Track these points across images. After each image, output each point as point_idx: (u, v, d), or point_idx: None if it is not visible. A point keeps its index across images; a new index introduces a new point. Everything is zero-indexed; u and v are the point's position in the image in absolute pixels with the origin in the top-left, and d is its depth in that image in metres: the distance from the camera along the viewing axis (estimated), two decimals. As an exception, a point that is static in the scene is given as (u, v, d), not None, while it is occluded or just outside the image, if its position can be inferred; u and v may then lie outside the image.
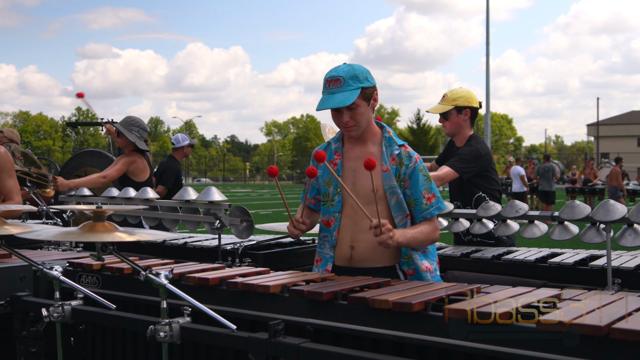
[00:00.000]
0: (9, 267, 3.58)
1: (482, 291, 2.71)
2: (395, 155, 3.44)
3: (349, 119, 3.37)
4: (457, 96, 5.01)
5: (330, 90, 3.35)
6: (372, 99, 3.42)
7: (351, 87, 3.32)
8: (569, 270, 4.08)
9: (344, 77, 3.33)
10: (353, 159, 3.51)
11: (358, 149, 3.52)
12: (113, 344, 3.09)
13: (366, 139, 3.50)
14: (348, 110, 3.35)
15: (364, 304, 2.47)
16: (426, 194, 3.41)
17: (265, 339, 2.39)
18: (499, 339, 2.20)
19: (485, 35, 33.77)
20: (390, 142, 3.49)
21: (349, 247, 3.46)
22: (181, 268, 3.23)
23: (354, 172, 3.48)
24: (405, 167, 3.41)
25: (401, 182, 3.41)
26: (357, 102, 3.34)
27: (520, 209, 4.22)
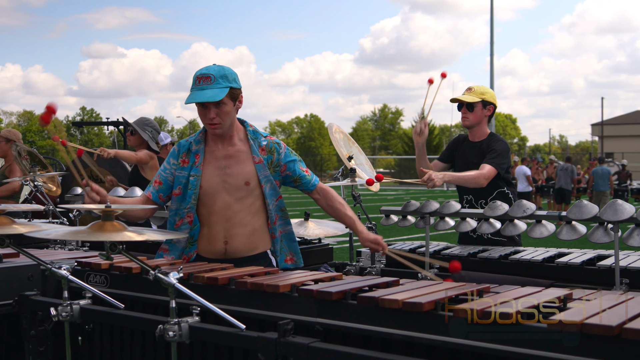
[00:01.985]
0: (16, 266, 3.58)
1: (492, 291, 2.71)
2: (264, 146, 3.71)
3: (215, 116, 3.54)
4: (484, 91, 5.05)
5: (200, 87, 3.50)
6: (238, 100, 3.62)
7: (221, 85, 3.49)
8: (576, 270, 4.07)
9: (214, 75, 3.50)
10: (221, 158, 3.69)
11: (225, 147, 3.70)
12: (121, 343, 3.09)
13: (232, 135, 3.70)
14: (215, 107, 3.52)
15: (374, 303, 2.47)
16: (303, 168, 3.80)
17: (275, 339, 2.40)
18: (508, 339, 2.20)
19: (490, 35, 33.75)
20: (256, 134, 3.75)
21: (222, 241, 3.66)
22: (190, 267, 3.23)
23: (224, 170, 3.67)
24: (277, 154, 3.72)
25: (276, 169, 3.72)
26: (224, 100, 3.51)
27: (528, 209, 4.21)
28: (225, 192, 3.63)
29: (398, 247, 4.98)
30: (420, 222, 4.53)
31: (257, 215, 3.71)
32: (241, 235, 3.65)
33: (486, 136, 5.07)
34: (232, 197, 3.63)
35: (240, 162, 3.67)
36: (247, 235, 3.66)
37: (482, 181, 4.73)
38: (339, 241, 10.66)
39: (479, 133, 5.08)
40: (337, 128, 5.34)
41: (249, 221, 3.67)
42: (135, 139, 6.79)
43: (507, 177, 4.98)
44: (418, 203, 4.56)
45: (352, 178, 5.07)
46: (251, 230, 3.68)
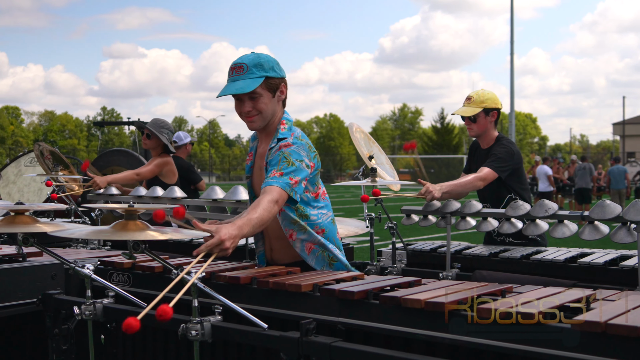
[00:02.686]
0: (40, 265, 3.61)
1: (514, 291, 2.70)
2: (269, 150, 3.31)
3: (251, 109, 3.27)
4: (484, 98, 4.98)
5: (232, 78, 3.25)
6: (278, 90, 3.32)
7: (254, 75, 3.21)
8: (599, 271, 4.05)
9: (247, 65, 3.22)
10: (260, 157, 3.44)
11: (263, 146, 3.44)
12: (144, 342, 3.10)
13: (269, 133, 3.39)
14: (250, 99, 3.25)
15: (396, 303, 2.46)
16: (275, 172, 3.13)
17: (297, 338, 2.40)
18: (530, 339, 2.19)
19: (510, 34, 33.60)
20: (274, 137, 3.34)
21: (269, 249, 3.53)
22: (212, 267, 3.24)
23: (260, 170, 3.41)
24: (271, 154, 3.27)
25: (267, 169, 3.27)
26: (259, 91, 3.23)
27: (550, 209, 4.19)
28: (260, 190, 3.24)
29: (419, 246, 4.97)
30: (441, 222, 4.52)
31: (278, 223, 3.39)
32: (280, 245, 3.45)
33: (494, 141, 5.03)
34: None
35: (261, 167, 3.42)
36: (285, 247, 3.39)
37: (478, 183, 4.69)
38: (359, 241, 10.67)
39: (487, 139, 5.04)
40: (357, 127, 5.33)
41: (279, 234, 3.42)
42: (152, 142, 6.74)
43: (515, 182, 4.91)
44: (439, 203, 4.55)
45: (372, 177, 5.06)
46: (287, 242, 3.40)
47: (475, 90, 5.09)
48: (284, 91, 3.36)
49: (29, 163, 9.99)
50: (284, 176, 3.11)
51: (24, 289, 3.53)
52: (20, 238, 2.96)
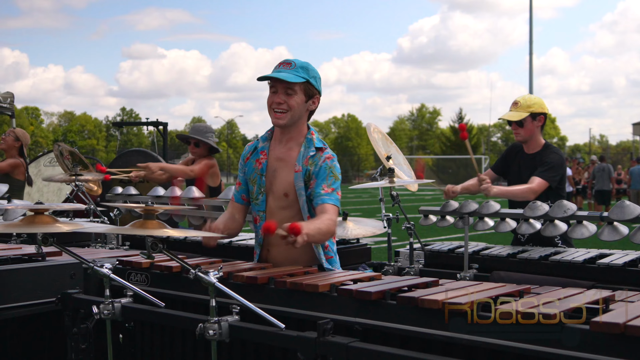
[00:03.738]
0: (59, 265, 3.64)
1: (532, 292, 2.68)
2: (309, 157, 3.42)
3: (283, 102, 3.37)
4: (531, 103, 4.96)
5: (278, 69, 3.40)
6: (312, 99, 3.44)
7: (298, 73, 3.36)
8: (618, 272, 4.02)
9: (295, 63, 3.39)
10: (275, 159, 3.51)
11: (281, 149, 3.51)
12: (162, 341, 3.12)
13: (291, 138, 3.49)
14: (285, 93, 3.36)
15: (413, 303, 2.46)
16: (326, 187, 3.35)
17: (314, 338, 2.40)
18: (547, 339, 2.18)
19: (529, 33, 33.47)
20: (309, 143, 3.47)
21: (266, 249, 3.54)
22: (229, 266, 3.25)
23: (274, 172, 3.49)
24: (315, 166, 3.39)
25: (308, 181, 3.39)
26: (296, 88, 3.37)
27: (569, 209, 4.17)
28: (271, 197, 3.47)
29: (437, 247, 4.96)
30: (459, 222, 4.51)
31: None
32: (280, 246, 3.37)
33: (541, 147, 5.00)
34: (275, 204, 3.46)
35: (286, 168, 3.46)
36: (286, 249, 3.26)
37: (530, 195, 4.65)
38: (377, 241, 10.66)
39: (533, 145, 5.01)
40: (375, 128, 5.33)
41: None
42: (201, 149, 6.69)
43: (558, 190, 4.91)
44: (457, 203, 4.54)
45: (390, 178, 5.05)
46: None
47: (521, 95, 5.07)
48: (315, 102, 3.47)
49: (48, 163, 10.06)
50: (334, 192, 3.35)
51: (43, 288, 3.56)
52: (39, 238, 2.97)
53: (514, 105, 5.01)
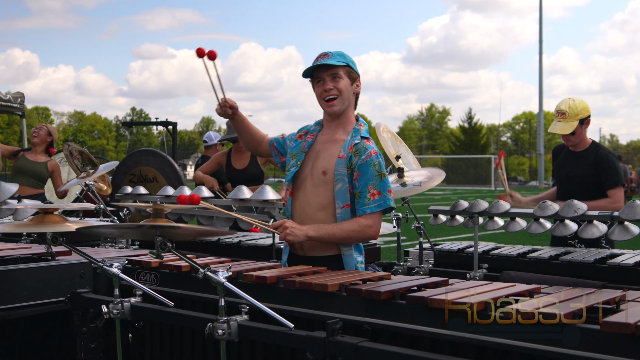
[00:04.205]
0: (69, 264, 3.64)
1: (542, 292, 2.67)
2: (353, 145, 3.47)
3: (332, 87, 3.47)
4: (578, 109, 4.94)
5: (317, 62, 3.50)
6: (355, 82, 3.56)
7: (337, 59, 3.48)
8: (629, 271, 4.00)
9: (332, 53, 3.51)
10: (321, 142, 3.60)
11: (328, 133, 3.61)
12: (171, 341, 3.12)
13: (340, 125, 3.58)
14: (332, 79, 3.48)
15: (423, 303, 2.45)
16: (372, 189, 3.41)
17: (323, 338, 2.39)
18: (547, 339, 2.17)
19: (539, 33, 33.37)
20: (356, 132, 3.53)
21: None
22: (238, 266, 3.25)
23: (317, 154, 3.57)
24: (359, 158, 3.43)
25: (351, 171, 3.44)
26: (341, 73, 3.48)
27: (579, 209, 4.15)
28: (310, 177, 3.52)
29: (446, 247, 4.95)
30: (469, 222, 4.50)
31: (327, 211, 3.48)
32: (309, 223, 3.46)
33: (589, 145, 5.03)
34: (312, 182, 3.50)
35: (329, 150, 3.52)
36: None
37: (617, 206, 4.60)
38: (386, 241, 10.64)
39: (581, 144, 5.05)
40: (384, 127, 5.32)
41: (320, 216, 3.48)
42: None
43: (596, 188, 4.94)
44: (466, 203, 4.53)
45: (400, 177, 5.04)
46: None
47: (564, 103, 5.03)
48: (359, 85, 3.60)
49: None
50: (382, 195, 3.41)
51: (53, 288, 3.56)
52: (49, 237, 2.99)
53: (562, 116, 4.97)
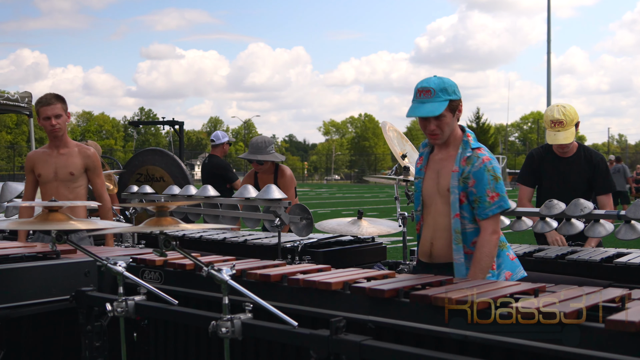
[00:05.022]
0: (74, 263, 3.64)
1: (548, 290, 2.66)
2: (466, 157, 3.62)
3: (435, 127, 3.61)
4: (572, 115, 4.94)
5: (420, 100, 3.58)
6: (457, 110, 3.65)
7: (440, 99, 3.54)
8: (635, 271, 3.98)
9: (434, 89, 3.55)
10: (437, 161, 3.77)
11: (441, 152, 3.77)
12: (175, 339, 3.12)
13: (449, 142, 3.72)
14: (435, 119, 3.58)
15: (426, 301, 2.44)
16: (490, 192, 3.55)
17: (327, 336, 2.38)
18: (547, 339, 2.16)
19: (547, 32, 33.32)
20: (466, 145, 3.67)
21: (429, 244, 3.74)
22: (242, 264, 3.24)
23: (437, 173, 3.74)
24: (472, 166, 3.57)
25: (465, 180, 3.58)
26: (444, 112, 3.56)
27: (585, 208, 4.13)
28: (437, 195, 3.71)
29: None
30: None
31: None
32: (444, 239, 3.68)
33: (577, 147, 5.02)
34: (441, 200, 3.69)
35: (447, 168, 3.70)
36: (450, 240, 3.65)
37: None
38: (393, 240, 10.63)
39: (570, 148, 5.04)
40: (390, 126, 5.32)
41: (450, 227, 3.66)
42: (266, 165, 6.74)
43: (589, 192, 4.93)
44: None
45: (405, 176, 5.04)
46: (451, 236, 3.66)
47: (556, 111, 4.98)
48: (461, 109, 3.69)
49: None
50: (500, 197, 3.56)
51: (58, 286, 3.56)
52: (53, 235, 2.98)
53: (560, 125, 4.91)
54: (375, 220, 5.49)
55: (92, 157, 5.44)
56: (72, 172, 5.38)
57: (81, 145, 5.54)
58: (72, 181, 5.37)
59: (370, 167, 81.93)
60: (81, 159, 5.42)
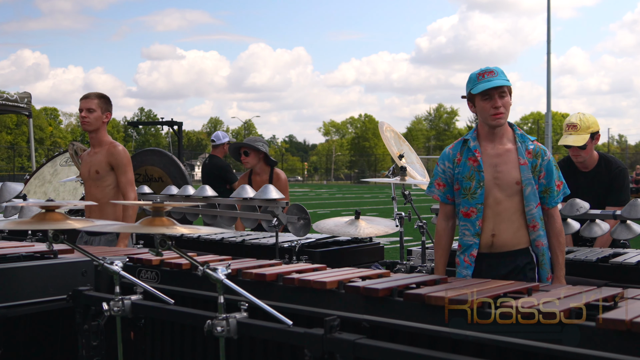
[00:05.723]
0: (71, 262, 3.65)
1: (541, 289, 2.67)
2: (531, 150, 3.83)
3: (501, 105, 3.77)
4: (590, 123, 4.89)
5: (486, 79, 3.79)
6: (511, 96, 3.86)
7: (504, 78, 3.80)
8: (631, 270, 4.00)
9: (496, 70, 3.81)
10: (493, 155, 3.87)
11: (495, 146, 3.89)
12: (172, 338, 3.13)
13: (502, 135, 3.89)
14: (500, 98, 3.78)
15: (420, 300, 2.46)
16: (557, 181, 3.86)
17: (321, 335, 2.39)
18: (557, 338, 2.17)
19: (547, 33, 33.34)
20: (524, 138, 3.89)
21: (490, 235, 3.83)
22: (238, 264, 3.26)
23: (495, 167, 3.84)
24: (542, 159, 3.82)
25: (537, 174, 3.81)
26: (507, 91, 3.81)
27: (581, 208, 4.15)
28: (497, 189, 3.82)
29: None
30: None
31: (521, 214, 3.82)
32: (508, 230, 3.82)
33: (596, 160, 4.95)
34: (502, 193, 3.81)
35: (509, 162, 3.83)
36: (513, 231, 3.82)
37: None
38: (392, 240, 10.64)
39: (590, 161, 4.97)
40: (387, 127, 5.33)
41: (516, 218, 3.82)
42: (252, 158, 6.78)
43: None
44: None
45: (402, 176, 5.05)
46: (517, 226, 3.82)
47: (574, 116, 4.96)
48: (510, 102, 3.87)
49: (64, 163, 10.12)
50: (564, 182, 3.91)
51: (55, 285, 3.57)
52: (50, 235, 2.99)
53: (573, 128, 4.90)
54: (372, 220, 5.50)
55: (116, 154, 5.47)
56: (97, 171, 5.46)
57: (113, 143, 5.60)
58: (99, 180, 5.46)
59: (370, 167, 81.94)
60: (106, 157, 5.48)
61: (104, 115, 5.57)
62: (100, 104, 5.54)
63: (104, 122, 5.61)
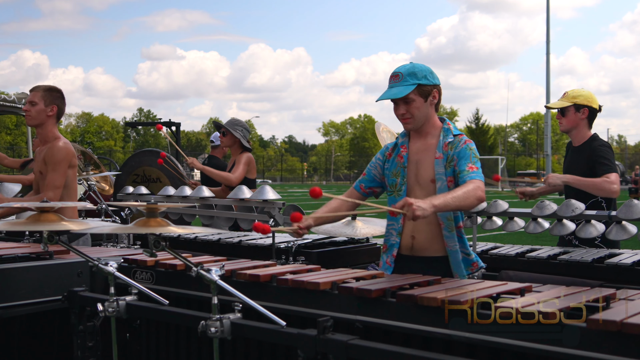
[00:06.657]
0: (66, 263, 3.66)
1: (534, 290, 2.68)
2: (448, 142, 3.61)
3: (405, 112, 3.62)
4: (577, 94, 4.94)
5: (390, 85, 3.65)
6: (430, 96, 3.64)
7: (407, 83, 3.58)
8: (626, 271, 4.00)
9: (402, 74, 3.61)
10: (415, 152, 3.72)
11: (419, 142, 3.73)
12: (167, 339, 3.13)
13: (427, 132, 3.71)
14: (404, 103, 3.60)
15: (413, 301, 2.46)
16: (470, 164, 3.51)
17: (314, 336, 2.40)
18: (547, 339, 2.18)
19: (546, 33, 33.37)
20: (447, 132, 3.67)
21: (410, 236, 3.67)
22: (233, 265, 3.26)
23: (416, 164, 3.69)
24: (454, 148, 3.57)
25: (450, 163, 3.56)
26: (412, 97, 3.58)
27: (577, 208, 4.15)
28: (417, 186, 3.66)
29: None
30: (467, 222, 4.50)
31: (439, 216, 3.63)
32: (426, 232, 3.63)
33: (587, 138, 4.96)
34: (422, 192, 3.61)
35: (428, 158, 3.66)
36: (432, 234, 3.62)
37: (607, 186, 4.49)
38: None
39: (578, 137, 4.96)
40: (384, 127, 5.33)
41: (433, 219, 3.60)
42: (227, 139, 6.96)
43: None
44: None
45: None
46: (435, 229, 3.62)
47: (573, 89, 5.08)
48: (436, 96, 3.69)
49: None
50: (479, 170, 3.51)
51: (50, 286, 3.58)
52: (45, 235, 3.00)
53: (563, 96, 5.02)
54: (369, 220, 5.49)
55: (51, 149, 4.97)
56: (40, 171, 5.02)
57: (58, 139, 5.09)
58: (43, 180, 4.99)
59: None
60: (43, 154, 5.01)
61: (49, 108, 5.06)
62: (45, 96, 5.06)
63: (49, 116, 5.08)
